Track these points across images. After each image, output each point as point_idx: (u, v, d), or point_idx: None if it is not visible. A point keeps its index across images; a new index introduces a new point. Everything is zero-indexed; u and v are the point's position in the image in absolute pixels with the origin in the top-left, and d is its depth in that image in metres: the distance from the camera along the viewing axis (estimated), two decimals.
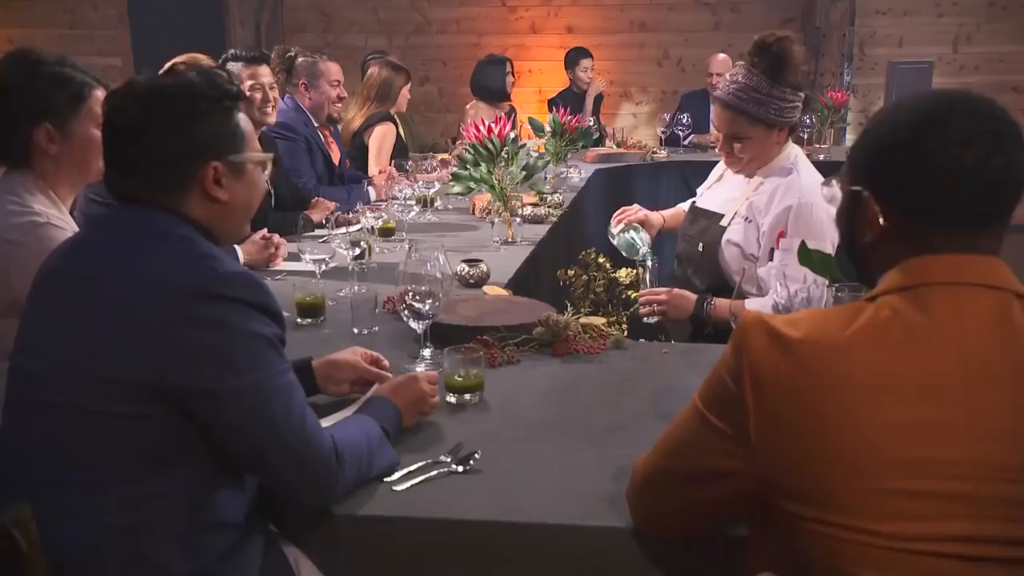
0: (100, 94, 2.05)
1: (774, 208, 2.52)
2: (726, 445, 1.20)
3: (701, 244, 2.71)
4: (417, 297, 1.99)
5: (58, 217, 1.99)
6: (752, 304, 2.38)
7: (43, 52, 2.08)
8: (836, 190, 1.34)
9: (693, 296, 2.55)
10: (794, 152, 2.63)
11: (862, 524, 1.09)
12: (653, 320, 2.57)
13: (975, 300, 1.14)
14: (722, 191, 2.80)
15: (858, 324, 1.15)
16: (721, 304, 2.50)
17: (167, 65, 2.70)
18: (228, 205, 1.51)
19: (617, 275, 3.01)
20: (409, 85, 5.03)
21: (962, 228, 1.17)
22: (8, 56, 2.07)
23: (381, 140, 4.64)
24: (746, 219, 2.59)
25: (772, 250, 2.52)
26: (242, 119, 1.55)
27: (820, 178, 2.51)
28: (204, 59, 2.95)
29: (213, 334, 1.36)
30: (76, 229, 2.02)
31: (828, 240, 2.37)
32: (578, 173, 4.61)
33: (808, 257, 2.88)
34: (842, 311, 1.20)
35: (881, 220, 1.20)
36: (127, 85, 1.51)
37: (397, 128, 4.89)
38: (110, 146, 1.50)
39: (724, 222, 2.64)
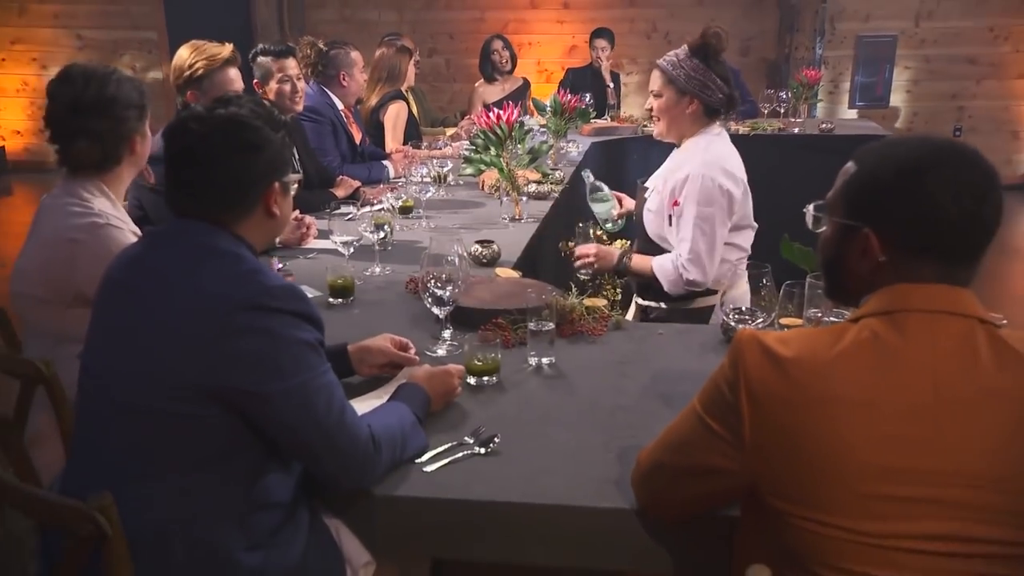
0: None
1: (673, 176, 2.58)
2: (722, 447, 1.21)
3: (635, 215, 2.84)
4: (439, 284, 1.99)
5: (116, 217, 1.99)
6: (658, 261, 2.62)
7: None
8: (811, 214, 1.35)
9: (616, 251, 2.70)
10: (716, 131, 2.61)
11: (845, 523, 1.11)
12: (586, 274, 2.68)
13: (946, 326, 1.15)
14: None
15: (842, 345, 1.16)
16: (637, 259, 2.68)
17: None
18: (278, 220, 1.56)
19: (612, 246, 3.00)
20: (414, 60, 5.00)
21: (949, 263, 1.18)
22: (113, 72, 2.04)
23: (395, 118, 4.65)
24: (658, 189, 2.67)
25: (670, 216, 2.60)
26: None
27: (728, 156, 2.58)
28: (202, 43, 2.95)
29: (262, 342, 1.37)
30: (133, 227, 2.02)
31: (713, 208, 2.48)
32: (576, 147, 4.56)
33: (790, 250, 2.89)
34: (829, 332, 1.20)
35: (882, 257, 1.20)
36: (195, 116, 1.49)
37: (408, 103, 4.86)
38: (183, 173, 1.48)
39: (647, 195, 2.72)
